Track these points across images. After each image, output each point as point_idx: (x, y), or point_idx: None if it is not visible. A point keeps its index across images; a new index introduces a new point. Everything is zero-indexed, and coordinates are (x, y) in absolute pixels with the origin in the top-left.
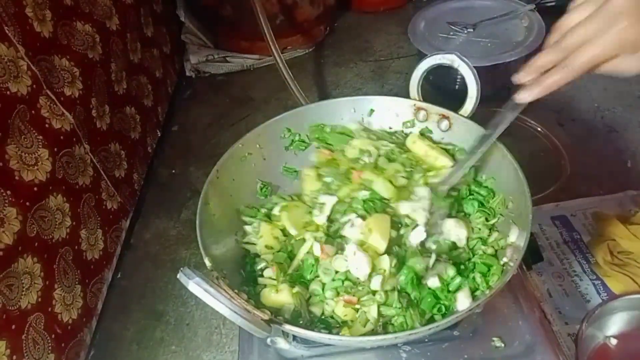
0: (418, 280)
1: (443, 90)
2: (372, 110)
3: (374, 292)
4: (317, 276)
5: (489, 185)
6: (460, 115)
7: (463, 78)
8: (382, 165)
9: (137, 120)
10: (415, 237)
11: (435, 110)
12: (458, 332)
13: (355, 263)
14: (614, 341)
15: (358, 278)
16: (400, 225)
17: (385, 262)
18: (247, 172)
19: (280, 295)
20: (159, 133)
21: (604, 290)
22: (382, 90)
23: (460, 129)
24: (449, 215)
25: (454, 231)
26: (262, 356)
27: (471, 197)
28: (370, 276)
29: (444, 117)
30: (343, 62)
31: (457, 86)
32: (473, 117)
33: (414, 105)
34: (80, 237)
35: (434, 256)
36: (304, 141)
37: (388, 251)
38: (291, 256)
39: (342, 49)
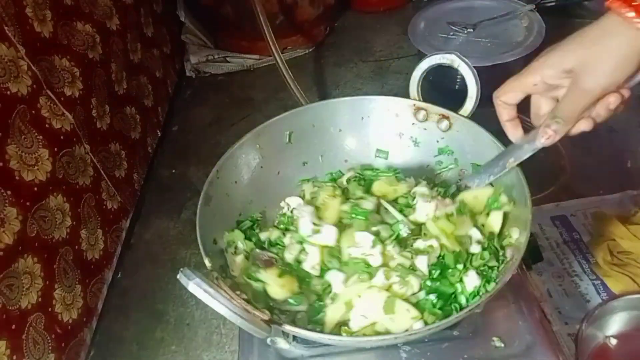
0: None
1: (443, 90)
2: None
3: None
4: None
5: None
6: (460, 115)
7: (463, 78)
8: None
9: (137, 120)
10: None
11: (435, 110)
12: (458, 332)
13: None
14: (613, 341)
15: None
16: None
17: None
18: (247, 172)
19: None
20: (159, 133)
21: (604, 290)
22: (382, 90)
23: (461, 129)
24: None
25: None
26: (262, 356)
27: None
28: None
29: (444, 117)
30: (343, 62)
31: (457, 86)
32: (473, 117)
33: (414, 105)
34: (81, 237)
35: None
36: None
37: None
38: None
39: (342, 49)
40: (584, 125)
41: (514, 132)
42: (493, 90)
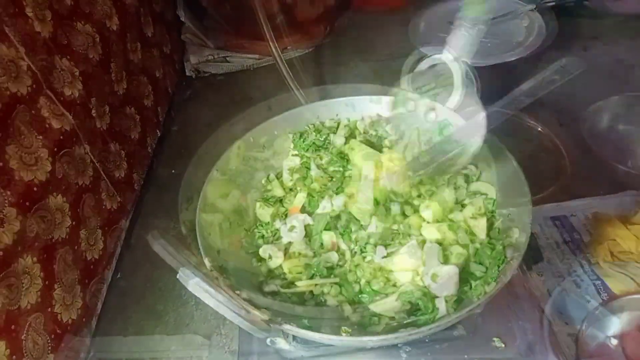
0: None
1: None
2: None
3: None
4: None
5: None
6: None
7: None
8: None
9: (137, 120)
10: None
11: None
12: (458, 332)
13: None
14: (614, 341)
15: None
16: None
17: None
18: (247, 172)
19: None
20: (158, 133)
21: (604, 291)
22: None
23: None
24: None
25: None
26: (262, 356)
27: None
28: None
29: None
30: (343, 62)
31: None
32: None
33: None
34: (80, 237)
35: None
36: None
37: None
38: None
39: (342, 49)
40: None
41: None
42: (494, 89)
